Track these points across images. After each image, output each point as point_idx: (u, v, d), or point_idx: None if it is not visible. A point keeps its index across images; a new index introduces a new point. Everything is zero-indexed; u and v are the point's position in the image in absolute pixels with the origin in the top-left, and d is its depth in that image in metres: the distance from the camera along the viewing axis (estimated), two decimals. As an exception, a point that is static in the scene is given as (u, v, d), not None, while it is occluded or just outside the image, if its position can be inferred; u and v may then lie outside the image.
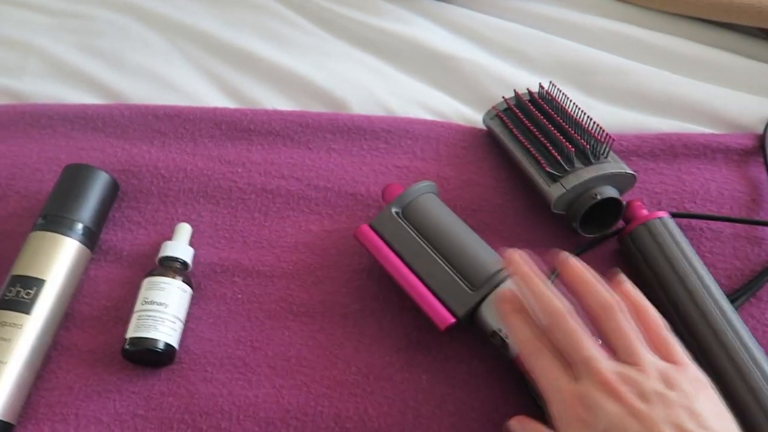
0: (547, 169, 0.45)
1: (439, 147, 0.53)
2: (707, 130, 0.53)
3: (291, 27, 0.61)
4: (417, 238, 0.43)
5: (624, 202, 0.46)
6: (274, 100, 0.56)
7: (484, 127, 0.54)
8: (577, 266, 0.35)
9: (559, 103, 0.49)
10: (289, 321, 0.45)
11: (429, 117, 0.56)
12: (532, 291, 0.34)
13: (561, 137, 0.46)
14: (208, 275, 0.47)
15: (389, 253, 0.44)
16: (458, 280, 0.42)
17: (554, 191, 0.45)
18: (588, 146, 0.45)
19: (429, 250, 0.43)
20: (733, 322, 0.39)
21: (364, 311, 0.45)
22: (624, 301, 0.34)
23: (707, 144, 0.51)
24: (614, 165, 0.45)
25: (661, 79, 0.57)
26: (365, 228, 0.44)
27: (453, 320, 0.41)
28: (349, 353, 0.43)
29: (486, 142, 0.53)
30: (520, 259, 0.36)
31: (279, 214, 0.49)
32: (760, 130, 0.53)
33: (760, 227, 0.48)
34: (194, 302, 0.45)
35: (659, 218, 0.44)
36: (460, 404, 0.41)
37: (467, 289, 0.41)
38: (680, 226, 0.48)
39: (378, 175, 0.51)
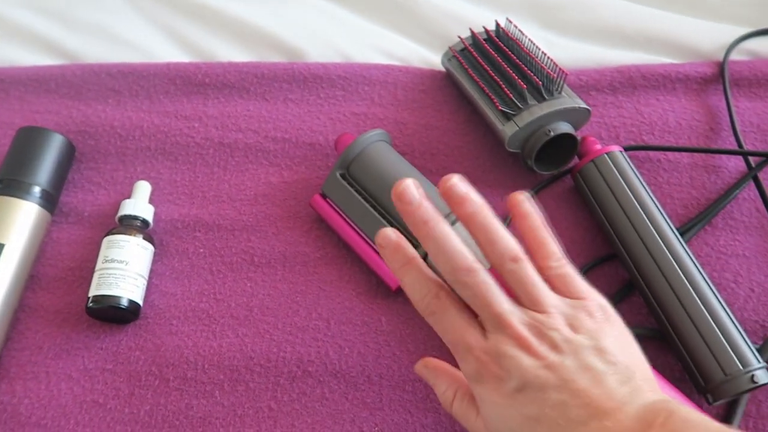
0: (500, 107, 0.45)
1: (397, 92, 0.52)
2: (668, 61, 0.53)
3: (244, -25, 0.59)
4: (362, 200, 0.43)
5: (578, 138, 0.45)
6: (230, 52, 0.55)
7: (444, 69, 0.53)
8: (481, 210, 0.31)
9: (515, 41, 0.48)
10: (251, 272, 0.45)
11: (388, 61, 0.55)
12: (436, 239, 0.30)
13: (514, 75, 0.45)
14: (170, 231, 0.47)
15: (338, 220, 0.44)
16: (404, 236, 0.42)
17: (508, 130, 0.45)
18: (541, 83, 0.45)
19: (374, 212, 0.43)
20: (679, 255, 0.40)
21: (324, 259, 0.46)
22: (520, 223, 0.32)
23: (666, 74, 0.51)
24: (568, 100, 0.45)
25: (624, 12, 0.56)
26: (317, 198, 0.45)
27: None
28: (311, 300, 0.44)
29: (445, 84, 0.53)
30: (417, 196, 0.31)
31: (238, 167, 0.49)
32: (721, 57, 0.52)
33: (717, 155, 0.48)
34: (157, 258, 0.46)
35: (607, 153, 0.44)
36: (419, 343, 0.42)
37: (413, 242, 0.42)
38: (638, 158, 0.48)
39: (336, 124, 0.51)
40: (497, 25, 0.50)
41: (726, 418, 0.39)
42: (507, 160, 0.49)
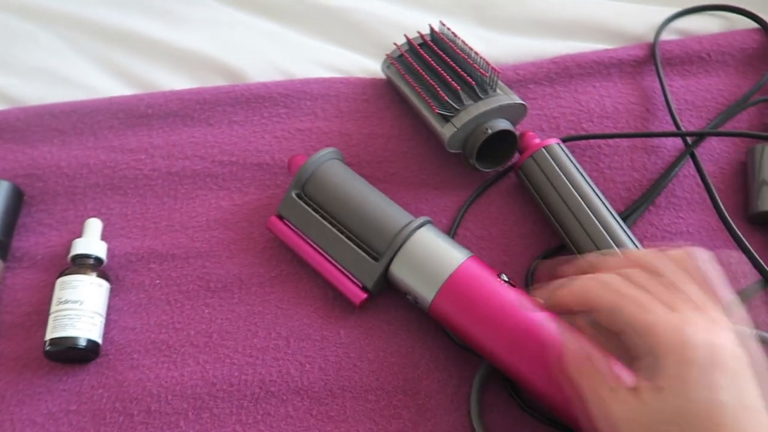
0: (437, 110, 0.46)
1: (339, 104, 0.53)
2: (603, 46, 0.54)
3: (186, 4, 0.59)
4: (319, 218, 0.44)
5: (517, 133, 0.46)
6: (172, 80, 0.56)
7: (385, 77, 0.53)
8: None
9: (448, 43, 0.49)
10: (208, 298, 0.45)
11: (330, 74, 0.55)
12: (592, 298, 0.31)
13: (448, 77, 0.46)
14: (125, 266, 0.47)
15: (297, 240, 0.45)
16: (362, 253, 0.42)
17: (446, 131, 0.45)
18: (475, 82, 0.45)
19: (332, 229, 0.43)
20: (621, 241, 0.40)
21: (281, 277, 0.46)
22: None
23: (600, 60, 0.51)
24: (503, 97, 0.45)
25: (557, 2, 0.56)
26: (273, 220, 0.46)
27: (365, 296, 0.42)
28: (269, 320, 0.44)
29: (387, 91, 0.53)
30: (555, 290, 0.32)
31: (188, 195, 0.50)
32: (652, 38, 0.53)
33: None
34: (114, 294, 0.46)
35: (545, 147, 0.44)
36: (379, 352, 0.43)
37: (371, 260, 0.42)
38: (579, 147, 0.49)
39: (281, 142, 0.51)
40: (431, 29, 0.51)
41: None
42: (452, 161, 0.49)
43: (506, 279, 0.40)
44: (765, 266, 0.39)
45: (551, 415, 0.40)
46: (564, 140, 0.48)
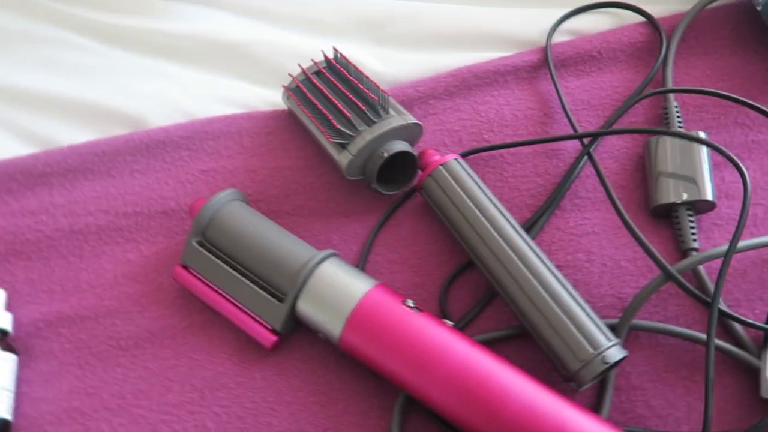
0: (331, 140, 0.45)
1: (242, 140, 0.52)
2: (501, 54, 0.54)
3: (75, 51, 0.58)
4: (222, 264, 0.43)
5: (415, 153, 0.46)
6: (74, 135, 0.54)
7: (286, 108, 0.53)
8: None
9: (340, 69, 0.48)
10: (120, 358, 0.44)
11: (233, 110, 0.54)
12: None
13: (340, 104, 0.46)
14: (33, 334, 0.46)
15: (203, 288, 0.44)
16: (266, 295, 0.42)
17: (343, 159, 0.45)
18: (366, 107, 0.45)
19: (236, 274, 0.43)
20: (522, 252, 0.40)
21: (192, 327, 0.45)
22: None
23: (496, 69, 0.52)
24: (396, 119, 0.45)
25: (450, 14, 0.56)
26: (178, 270, 0.45)
27: (275, 338, 0.42)
28: (183, 372, 0.43)
29: (289, 122, 0.53)
30: None
31: (93, 252, 0.48)
32: (545, 42, 0.53)
33: (556, 139, 0.49)
34: (23, 365, 0.44)
35: (442, 165, 0.44)
36: (297, 392, 0.42)
37: (277, 301, 0.41)
38: (482, 158, 0.49)
39: (186, 186, 0.50)
40: (324, 55, 0.50)
41: (598, 397, 0.40)
42: (359, 187, 0.49)
43: (411, 304, 0.39)
44: (662, 261, 0.40)
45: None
46: (465, 155, 0.48)
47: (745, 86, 0.50)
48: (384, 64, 0.54)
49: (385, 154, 0.44)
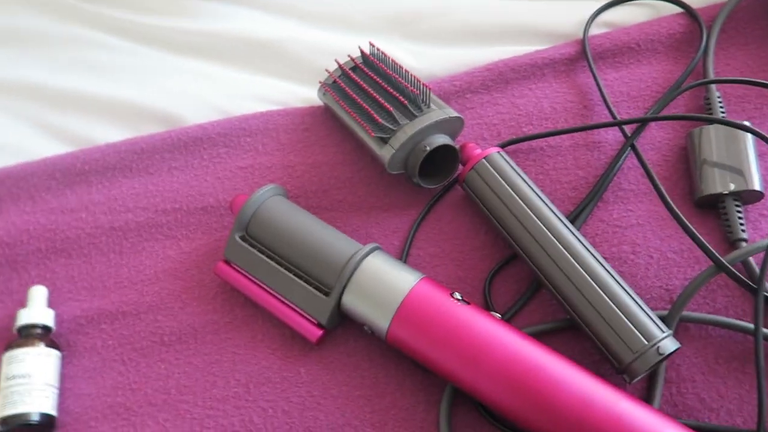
0: (373, 134, 0.45)
1: (279, 136, 0.52)
2: (535, 48, 0.53)
3: (109, 52, 0.58)
4: (266, 258, 0.43)
5: (457, 146, 0.46)
6: (108, 133, 0.54)
7: (322, 104, 0.53)
8: None
9: (378, 64, 0.48)
10: (163, 353, 0.44)
11: (267, 107, 0.54)
12: None
13: (381, 99, 0.46)
14: (75, 330, 0.46)
15: (247, 283, 0.44)
16: (312, 289, 0.42)
17: (386, 154, 0.45)
18: (407, 101, 0.45)
19: (280, 268, 0.43)
20: (570, 243, 0.40)
21: (235, 322, 0.45)
22: None
23: (533, 63, 0.51)
24: (438, 113, 0.45)
25: (481, 8, 0.56)
26: (221, 265, 0.45)
27: (321, 332, 0.41)
28: (227, 368, 0.43)
29: (326, 118, 0.53)
30: None
31: (133, 248, 0.48)
32: (581, 34, 0.53)
33: (595, 132, 0.48)
34: (66, 361, 0.44)
35: (485, 157, 0.44)
36: (342, 387, 0.42)
37: (322, 295, 0.41)
38: (521, 151, 0.48)
39: (224, 182, 0.50)
40: (361, 51, 0.50)
41: (648, 389, 0.40)
42: (398, 181, 0.49)
43: (459, 297, 0.39)
44: (714, 252, 0.39)
45: (522, 429, 0.39)
46: (503, 145, 0.47)
47: (787, 76, 0.49)
48: (416, 60, 0.54)
49: (428, 148, 0.44)
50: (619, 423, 0.34)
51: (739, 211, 0.43)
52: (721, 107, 0.47)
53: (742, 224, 0.43)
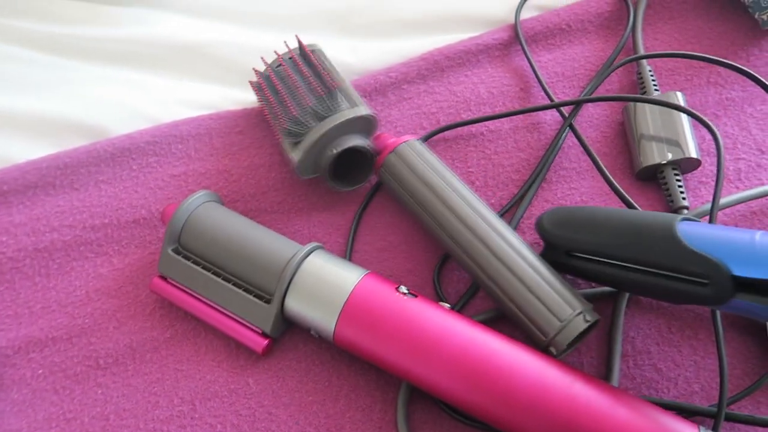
0: (281, 138, 0.43)
1: (212, 141, 0.50)
2: (469, 35, 0.53)
3: (21, 64, 0.55)
4: (202, 270, 0.41)
5: (367, 145, 0.43)
6: (30, 150, 0.51)
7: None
8: None
9: (297, 62, 0.46)
10: (99, 377, 0.41)
11: (198, 112, 0.52)
12: None
13: (289, 101, 0.43)
14: (1, 363, 0.42)
15: (185, 297, 0.41)
16: (252, 298, 0.39)
17: (295, 157, 0.43)
18: (312, 102, 0.43)
19: (217, 279, 0.40)
20: (485, 227, 0.39)
21: (176, 337, 0.42)
22: None
23: (467, 49, 0.51)
24: (345, 113, 0.42)
25: (412, 1, 0.56)
26: (156, 281, 0.42)
27: (266, 342, 0.39)
28: (170, 386, 0.40)
29: (261, 120, 0.51)
30: None
31: (61, 269, 0.45)
32: (513, 19, 0.53)
33: (533, 114, 0.48)
34: (-8, 397, 0.41)
35: (405, 143, 0.42)
36: (294, 394, 0.40)
37: (264, 303, 0.39)
38: (462, 136, 0.48)
39: (156, 192, 0.48)
40: (287, 48, 0.48)
41: (607, 365, 0.39)
42: (339, 177, 0.47)
43: (405, 291, 0.38)
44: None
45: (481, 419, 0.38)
46: (426, 137, 0.46)
47: (713, 47, 0.50)
48: (353, 55, 0.53)
49: (335, 150, 0.42)
50: (573, 404, 0.33)
51: (678, 180, 0.43)
52: (654, 81, 0.47)
53: (682, 192, 0.43)
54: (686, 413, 0.37)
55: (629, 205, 0.40)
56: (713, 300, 0.31)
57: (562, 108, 0.47)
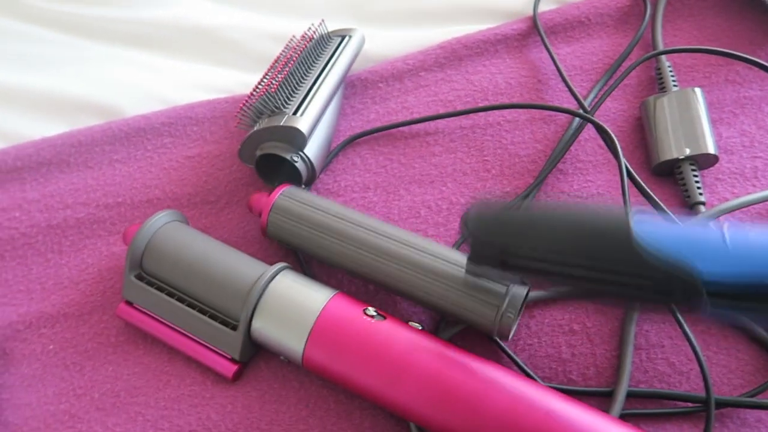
0: (238, 124, 0.43)
1: (227, 124, 0.50)
2: (486, 26, 0.53)
3: (41, 44, 0.55)
4: (165, 297, 0.39)
5: (288, 157, 0.42)
6: (44, 129, 0.51)
7: (271, 89, 0.51)
8: None
9: (282, 56, 0.46)
10: (110, 354, 0.41)
11: (213, 96, 0.52)
12: None
13: (256, 89, 0.44)
14: (12, 337, 0.42)
15: (153, 324, 0.40)
16: (218, 324, 0.38)
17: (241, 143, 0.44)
18: (263, 101, 0.42)
19: (182, 305, 0.39)
20: (387, 244, 0.38)
21: (188, 317, 0.42)
22: None
23: (486, 39, 0.51)
24: (277, 119, 0.42)
25: (433, -11, 0.56)
26: (122, 307, 0.41)
27: (236, 367, 0.38)
28: (181, 365, 0.40)
29: (276, 103, 0.51)
30: None
31: (74, 246, 0.45)
32: (530, 11, 0.53)
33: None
34: (3, 371, 0.41)
35: (279, 194, 0.41)
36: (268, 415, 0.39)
37: (229, 330, 0.38)
38: (479, 125, 0.48)
39: (170, 173, 0.48)
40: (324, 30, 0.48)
41: (620, 357, 0.39)
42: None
43: (373, 313, 0.36)
44: (673, 216, 0.39)
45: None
46: (354, 137, 0.46)
47: (732, 45, 0.50)
48: (370, 42, 0.53)
49: (258, 153, 0.43)
50: (548, 425, 0.32)
51: (695, 176, 0.43)
52: (673, 77, 0.47)
53: (699, 188, 0.43)
54: (678, 400, 0.37)
55: (647, 196, 0.40)
56: (686, 309, 0.28)
57: (583, 102, 0.46)
